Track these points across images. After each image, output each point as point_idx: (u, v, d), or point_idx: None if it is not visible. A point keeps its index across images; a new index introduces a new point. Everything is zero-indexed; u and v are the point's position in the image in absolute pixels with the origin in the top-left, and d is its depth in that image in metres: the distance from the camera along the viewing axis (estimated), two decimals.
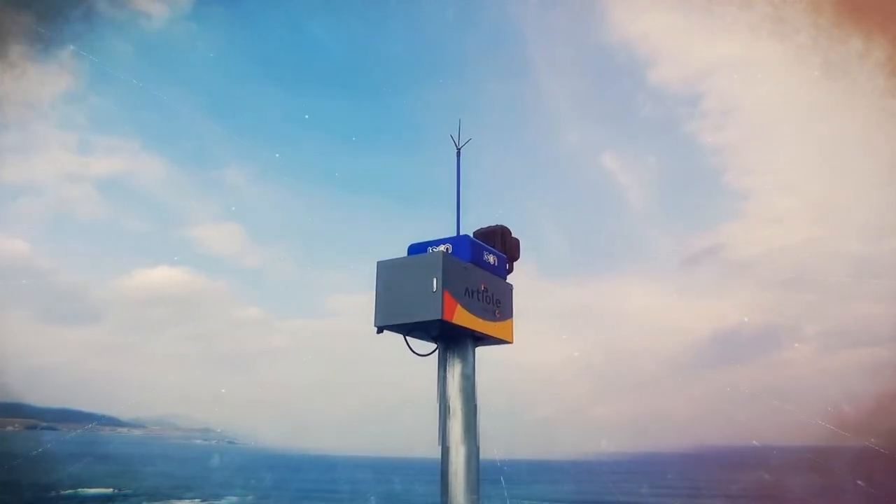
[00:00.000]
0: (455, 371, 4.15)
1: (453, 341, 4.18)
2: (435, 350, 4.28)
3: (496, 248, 4.57)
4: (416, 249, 4.19)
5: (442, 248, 4.11)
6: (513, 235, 4.87)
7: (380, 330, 4.01)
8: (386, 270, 4.01)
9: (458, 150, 4.55)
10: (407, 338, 4.17)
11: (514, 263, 4.83)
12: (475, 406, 4.22)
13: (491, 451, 4.28)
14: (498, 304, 4.35)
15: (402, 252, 4.17)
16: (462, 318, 3.93)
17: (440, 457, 4.19)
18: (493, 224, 4.79)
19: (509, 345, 4.62)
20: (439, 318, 3.75)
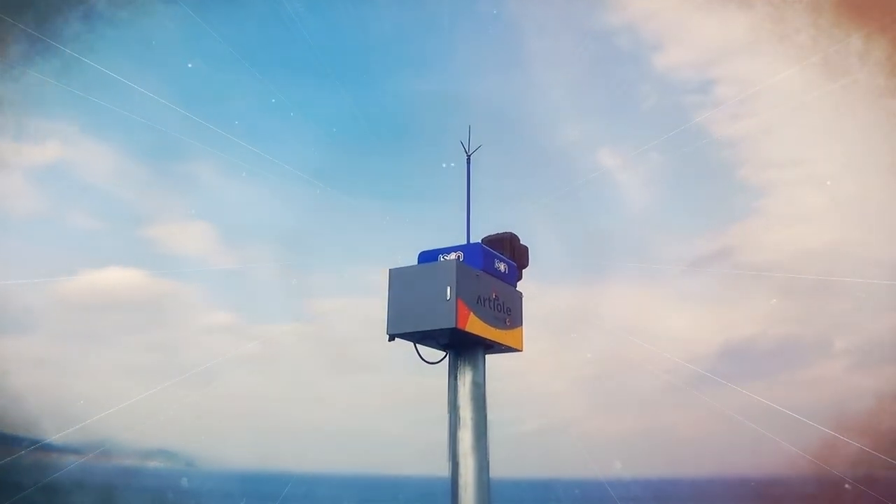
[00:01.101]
0: (466, 379, 4.57)
1: (464, 349, 4.60)
2: (444, 357, 4.70)
3: (505, 255, 5.01)
4: (427, 257, 4.62)
5: (453, 255, 4.54)
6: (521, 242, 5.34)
7: (391, 338, 4.41)
8: (398, 278, 4.42)
9: (469, 156, 5.00)
10: (417, 346, 4.58)
11: (523, 271, 5.30)
12: (486, 416, 4.64)
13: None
14: (508, 312, 4.79)
15: (386, 253, 4.57)
16: (474, 326, 4.35)
17: (449, 469, 4.59)
18: (501, 231, 5.25)
19: (518, 352, 5.08)
20: (453, 326, 4.16)
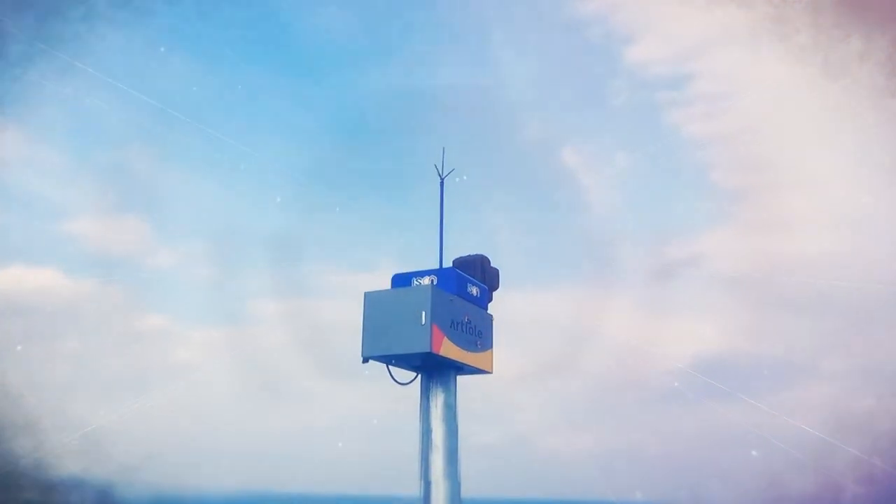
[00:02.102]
0: (438, 401, 4.93)
1: (436, 371, 4.97)
2: (416, 378, 5.02)
3: (476, 277, 5.37)
4: (401, 281, 4.96)
5: (427, 279, 4.87)
6: (492, 265, 5.72)
7: (365, 360, 4.72)
8: (373, 301, 4.74)
9: (442, 179, 5.35)
10: (389, 367, 4.90)
11: (494, 293, 5.67)
12: (457, 439, 4.98)
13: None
14: (480, 335, 5.16)
15: (365, 257, 4.87)
16: (448, 350, 4.71)
17: (421, 492, 4.90)
18: (473, 253, 5.62)
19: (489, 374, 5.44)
20: (428, 350, 4.49)
